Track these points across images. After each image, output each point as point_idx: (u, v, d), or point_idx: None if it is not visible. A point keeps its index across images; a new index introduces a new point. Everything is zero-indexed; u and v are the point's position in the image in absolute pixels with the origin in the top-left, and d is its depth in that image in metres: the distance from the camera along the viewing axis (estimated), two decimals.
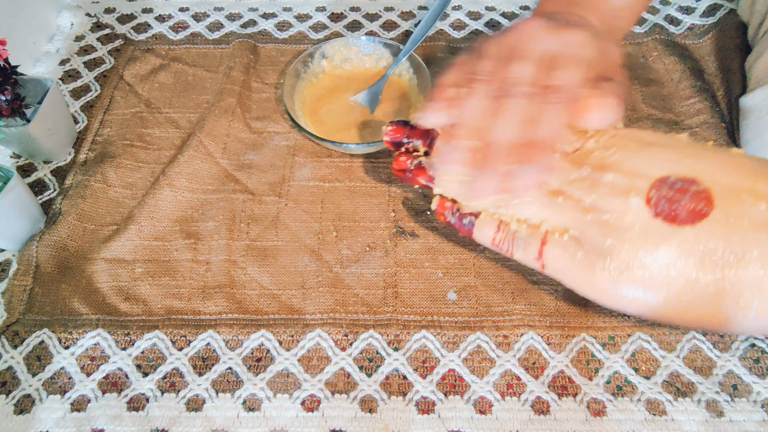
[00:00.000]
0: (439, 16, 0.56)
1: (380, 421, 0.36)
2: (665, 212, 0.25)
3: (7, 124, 0.44)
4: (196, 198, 0.47)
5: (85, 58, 0.58)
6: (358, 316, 0.41)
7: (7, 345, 0.40)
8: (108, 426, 0.36)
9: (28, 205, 0.44)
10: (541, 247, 0.29)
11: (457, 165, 0.31)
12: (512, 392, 0.37)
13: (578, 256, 0.28)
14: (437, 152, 0.33)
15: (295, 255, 0.44)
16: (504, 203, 0.31)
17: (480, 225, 0.31)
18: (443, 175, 0.32)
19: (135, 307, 0.41)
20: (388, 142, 0.35)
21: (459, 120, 0.31)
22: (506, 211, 0.31)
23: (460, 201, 0.33)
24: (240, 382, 0.38)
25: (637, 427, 0.36)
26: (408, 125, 0.35)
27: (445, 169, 0.32)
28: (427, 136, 0.34)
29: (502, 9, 0.62)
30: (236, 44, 0.58)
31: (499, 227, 0.31)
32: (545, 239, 0.29)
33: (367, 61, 0.55)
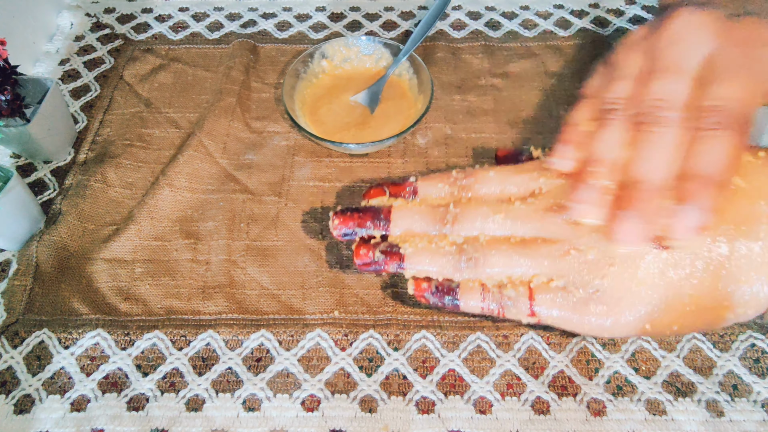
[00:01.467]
0: (439, 16, 0.56)
1: (380, 421, 0.36)
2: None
3: (7, 124, 0.44)
4: (196, 198, 0.47)
5: (85, 58, 0.58)
6: (358, 316, 0.41)
7: (7, 345, 0.39)
8: (108, 426, 0.36)
9: (28, 205, 0.44)
10: (530, 303, 0.28)
11: (594, 207, 0.27)
12: (512, 392, 0.37)
13: (569, 301, 0.27)
14: (572, 193, 0.28)
15: (295, 255, 0.44)
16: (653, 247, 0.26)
17: (465, 297, 0.29)
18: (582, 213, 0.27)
19: (135, 307, 0.41)
20: (339, 236, 0.31)
21: (592, 156, 0.27)
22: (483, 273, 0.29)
23: (605, 242, 0.27)
24: (240, 382, 0.38)
25: (637, 427, 0.36)
26: (356, 211, 0.31)
27: (581, 210, 0.27)
28: (378, 219, 0.31)
29: (502, 9, 0.62)
30: (236, 44, 0.58)
31: (483, 295, 0.29)
32: (532, 295, 0.28)
33: (367, 61, 0.55)
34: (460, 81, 0.55)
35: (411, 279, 0.31)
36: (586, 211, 0.27)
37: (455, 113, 0.53)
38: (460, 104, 0.54)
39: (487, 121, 0.52)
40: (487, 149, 0.50)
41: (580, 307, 0.27)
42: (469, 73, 0.56)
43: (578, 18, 0.61)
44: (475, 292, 0.29)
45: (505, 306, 0.29)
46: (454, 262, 0.29)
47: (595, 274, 0.27)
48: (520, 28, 0.60)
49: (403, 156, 0.50)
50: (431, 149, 0.50)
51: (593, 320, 0.27)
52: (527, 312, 0.29)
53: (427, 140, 0.51)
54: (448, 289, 0.29)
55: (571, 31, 0.60)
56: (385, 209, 0.31)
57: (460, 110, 0.53)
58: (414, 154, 0.50)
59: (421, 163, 0.49)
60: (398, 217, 0.30)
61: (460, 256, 0.29)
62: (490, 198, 0.30)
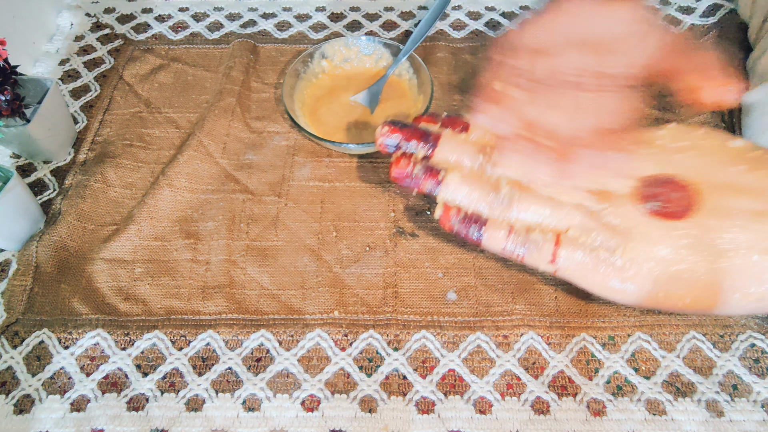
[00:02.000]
0: (439, 16, 0.56)
1: (380, 421, 0.36)
2: (658, 210, 0.27)
3: (7, 124, 0.44)
4: (196, 198, 0.47)
5: (85, 58, 0.58)
6: (358, 316, 0.41)
7: (7, 345, 0.39)
8: (108, 426, 0.36)
9: (28, 205, 0.44)
10: (555, 249, 0.29)
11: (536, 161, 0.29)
12: (512, 392, 0.37)
13: (590, 256, 0.28)
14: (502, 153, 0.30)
15: (295, 255, 0.44)
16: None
17: (490, 231, 0.29)
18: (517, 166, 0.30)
19: (135, 307, 0.41)
20: (383, 144, 0.32)
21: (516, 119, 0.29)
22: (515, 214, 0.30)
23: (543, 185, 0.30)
24: (240, 382, 0.38)
25: (637, 427, 0.36)
26: (406, 127, 0.32)
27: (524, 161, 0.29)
28: (426, 139, 0.32)
29: (502, 9, 0.62)
30: (236, 44, 0.58)
31: (509, 233, 0.30)
32: (559, 241, 0.29)
33: (367, 61, 0.55)
34: (460, 81, 0.55)
35: (441, 204, 0.31)
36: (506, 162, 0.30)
37: (455, 113, 0.53)
38: (460, 104, 0.54)
39: None
40: None
41: (599, 265, 0.28)
42: (469, 73, 0.56)
43: None
44: (502, 229, 0.29)
45: (528, 249, 0.29)
46: (490, 196, 0.30)
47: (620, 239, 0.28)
48: None
49: None
50: None
51: (608, 281, 0.28)
52: (549, 258, 0.29)
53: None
54: (476, 219, 0.30)
55: None
56: (434, 134, 0.31)
57: (460, 110, 0.53)
58: None
59: None
60: (445, 144, 0.31)
61: (498, 192, 0.30)
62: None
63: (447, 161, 0.31)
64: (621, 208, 0.28)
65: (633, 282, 0.28)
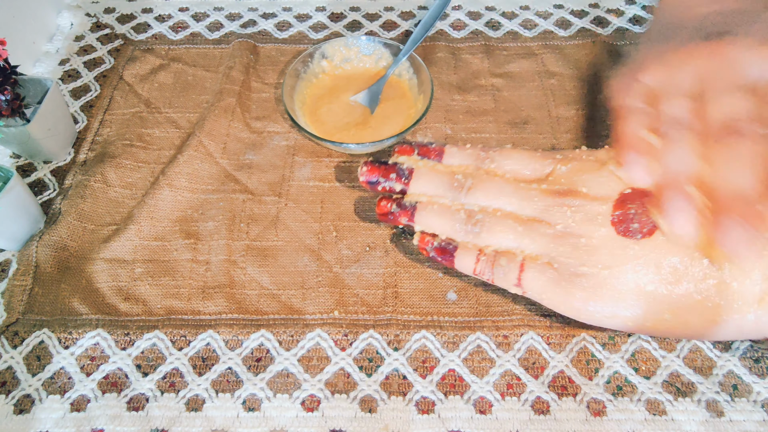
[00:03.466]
0: (439, 16, 0.56)
1: (380, 421, 0.36)
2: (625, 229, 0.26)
3: (7, 124, 0.44)
4: (196, 198, 0.47)
5: (85, 58, 0.58)
6: (358, 316, 0.41)
7: (7, 345, 0.39)
8: (108, 426, 0.36)
9: (28, 205, 0.44)
10: (519, 274, 0.30)
11: (689, 220, 0.26)
12: (512, 392, 0.37)
13: (555, 280, 0.29)
14: (663, 205, 0.27)
15: (295, 255, 0.44)
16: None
17: (460, 256, 0.31)
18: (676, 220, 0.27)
19: (135, 307, 0.41)
20: (364, 182, 0.34)
21: (672, 169, 0.27)
22: (483, 240, 0.30)
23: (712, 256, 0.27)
24: (240, 382, 0.38)
25: (637, 427, 0.36)
26: (384, 165, 0.34)
27: (677, 222, 0.27)
28: (402, 175, 0.33)
29: (502, 9, 0.62)
30: (236, 44, 0.58)
31: (478, 258, 0.31)
32: (523, 266, 0.30)
33: (367, 61, 0.55)
34: (460, 81, 0.55)
35: (418, 232, 0.33)
36: (681, 224, 0.26)
37: (455, 113, 0.53)
38: (460, 104, 0.54)
39: (487, 121, 0.52)
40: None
41: (564, 286, 0.28)
42: (469, 73, 0.56)
43: (578, 18, 0.61)
44: (471, 253, 0.31)
45: (495, 273, 0.30)
46: (459, 224, 0.31)
47: (583, 259, 0.28)
48: (520, 28, 0.60)
49: None
50: None
51: (573, 302, 0.28)
52: (514, 281, 0.30)
53: (427, 140, 0.51)
54: (448, 245, 0.31)
55: (571, 31, 0.60)
56: (409, 168, 0.33)
57: (460, 110, 0.53)
58: None
59: None
60: (419, 177, 0.32)
61: (466, 219, 0.31)
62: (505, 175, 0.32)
63: (422, 193, 0.32)
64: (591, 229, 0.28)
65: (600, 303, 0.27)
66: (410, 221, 0.33)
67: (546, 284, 0.29)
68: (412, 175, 0.33)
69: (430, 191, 0.32)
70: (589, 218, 0.28)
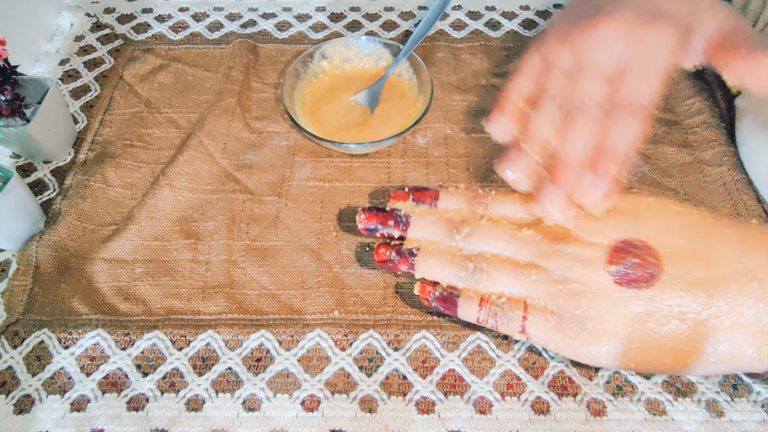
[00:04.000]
0: (439, 16, 0.56)
1: (380, 421, 0.36)
2: (623, 279, 0.28)
3: (7, 124, 0.44)
4: (196, 198, 0.47)
5: (85, 58, 0.58)
6: (358, 316, 0.41)
7: (7, 345, 0.39)
8: (108, 426, 0.36)
9: (28, 205, 0.44)
10: (522, 322, 0.30)
11: (525, 176, 0.32)
12: (512, 392, 0.37)
13: (558, 326, 0.30)
14: (509, 159, 0.33)
15: (295, 255, 0.44)
16: (573, 219, 0.31)
17: (463, 306, 0.31)
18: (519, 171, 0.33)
19: (135, 307, 0.41)
20: (363, 229, 0.35)
21: (528, 135, 0.32)
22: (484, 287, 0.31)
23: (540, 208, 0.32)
24: (240, 382, 0.38)
25: (637, 427, 0.36)
26: (381, 212, 0.34)
27: (515, 176, 0.33)
28: (399, 222, 0.34)
29: (502, 9, 0.62)
30: (236, 44, 0.58)
31: (480, 305, 0.31)
32: (525, 314, 0.30)
33: (367, 61, 0.55)
34: (460, 81, 0.55)
35: (418, 282, 0.34)
36: (518, 179, 0.32)
37: (455, 113, 0.53)
38: (460, 104, 0.54)
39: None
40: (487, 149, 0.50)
41: (566, 332, 0.29)
42: (469, 73, 0.56)
43: None
44: (473, 302, 0.31)
45: (499, 320, 0.31)
46: (460, 272, 0.32)
47: (579, 304, 0.29)
48: (520, 28, 0.60)
49: (403, 156, 0.50)
50: (431, 149, 0.50)
51: (576, 346, 0.29)
52: (519, 329, 0.31)
53: (427, 140, 0.51)
54: (450, 295, 0.31)
55: None
56: (406, 214, 0.34)
57: (460, 110, 0.53)
58: (414, 154, 0.50)
59: (421, 163, 0.49)
60: (416, 223, 0.33)
61: (466, 267, 0.32)
62: (501, 219, 0.33)
63: (420, 239, 0.33)
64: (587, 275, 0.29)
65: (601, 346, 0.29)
66: (410, 269, 0.33)
67: (549, 331, 0.30)
68: (410, 222, 0.33)
69: (429, 237, 0.33)
70: (584, 265, 0.29)
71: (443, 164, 0.49)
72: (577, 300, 0.29)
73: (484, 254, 0.32)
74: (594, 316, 0.29)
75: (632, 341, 0.28)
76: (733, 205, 0.45)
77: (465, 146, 0.50)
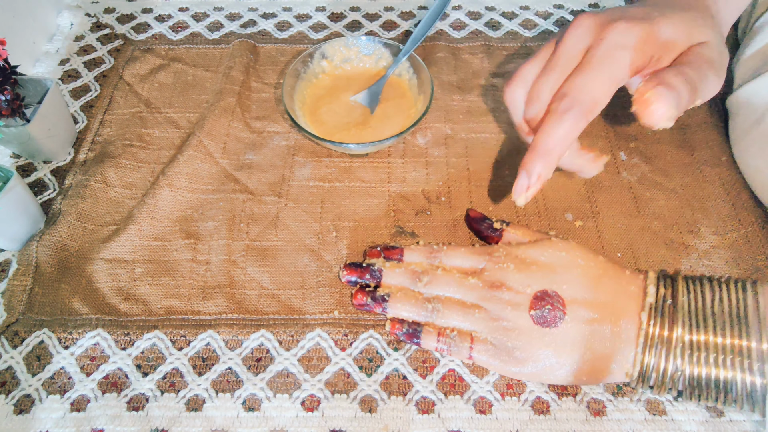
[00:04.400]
0: (439, 16, 0.56)
1: (380, 421, 0.36)
2: (540, 321, 0.36)
3: (7, 124, 0.44)
4: (196, 198, 0.47)
5: (85, 58, 0.58)
6: (358, 316, 0.41)
7: (7, 345, 0.39)
8: (108, 426, 0.36)
9: (28, 205, 0.44)
10: (470, 351, 0.38)
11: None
12: (512, 392, 0.37)
13: (495, 354, 0.37)
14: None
15: (295, 255, 0.44)
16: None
17: (424, 338, 0.39)
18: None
19: (135, 307, 0.41)
20: (346, 281, 0.42)
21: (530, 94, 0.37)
22: (440, 322, 0.39)
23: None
24: (240, 382, 0.38)
25: (637, 427, 0.36)
26: (359, 267, 0.42)
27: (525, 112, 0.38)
28: (374, 275, 0.41)
29: (502, 9, 0.62)
30: (236, 44, 0.58)
31: (438, 338, 0.38)
32: (472, 344, 0.38)
33: (367, 61, 0.55)
34: (460, 81, 0.55)
35: (389, 320, 0.40)
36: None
37: (455, 113, 0.53)
38: (460, 104, 0.54)
39: (487, 121, 0.52)
40: (486, 150, 0.50)
41: (500, 358, 0.37)
42: (469, 73, 0.56)
43: None
44: (433, 335, 0.39)
45: (452, 349, 0.38)
46: (422, 311, 0.39)
47: (510, 337, 0.37)
48: (520, 28, 0.60)
49: (403, 156, 0.50)
50: (431, 149, 0.50)
51: (511, 368, 0.37)
52: (467, 356, 0.38)
53: (427, 140, 0.51)
54: (414, 331, 0.39)
55: None
56: (379, 269, 0.41)
57: (460, 110, 0.53)
58: (414, 154, 0.50)
59: (421, 163, 0.49)
60: (387, 275, 0.41)
61: (426, 308, 0.39)
62: (453, 269, 0.41)
63: (391, 285, 0.41)
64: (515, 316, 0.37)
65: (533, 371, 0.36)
66: (383, 312, 0.40)
67: (489, 358, 0.37)
68: (382, 273, 0.41)
69: (397, 284, 0.41)
70: (513, 308, 0.37)
71: (443, 164, 0.49)
72: (508, 334, 0.37)
73: (440, 297, 0.40)
74: (520, 347, 0.36)
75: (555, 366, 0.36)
76: (732, 205, 0.45)
77: (465, 146, 0.50)
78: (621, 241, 0.44)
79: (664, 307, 0.35)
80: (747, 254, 0.43)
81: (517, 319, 0.37)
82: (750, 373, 0.32)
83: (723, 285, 0.35)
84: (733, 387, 0.32)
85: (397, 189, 0.48)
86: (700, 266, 0.42)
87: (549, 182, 0.47)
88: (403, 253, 0.43)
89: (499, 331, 0.37)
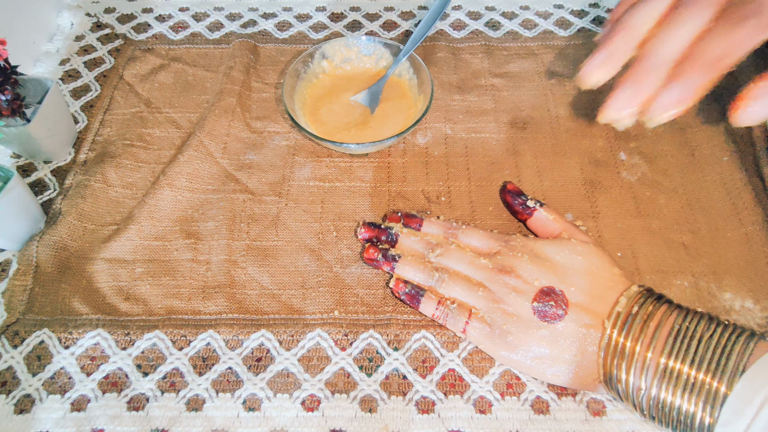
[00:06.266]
0: (439, 16, 0.56)
1: (380, 421, 0.36)
2: (540, 314, 0.37)
3: (7, 124, 0.44)
4: (196, 198, 0.47)
5: (85, 58, 0.58)
6: (358, 316, 0.41)
7: (7, 345, 0.40)
8: (108, 426, 0.36)
9: (28, 205, 0.44)
10: (465, 325, 0.38)
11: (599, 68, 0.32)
12: (512, 392, 0.37)
13: (488, 334, 0.38)
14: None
15: (295, 255, 0.44)
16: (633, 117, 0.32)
17: (424, 303, 0.40)
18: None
19: (135, 307, 0.41)
20: (363, 239, 0.43)
21: (623, 21, 0.32)
22: (443, 291, 0.40)
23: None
24: (240, 382, 0.38)
25: (636, 426, 0.36)
26: (377, 227, 0.43)
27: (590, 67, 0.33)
28: (390, 238, 0.43)
29: (502, 9, 0.62)
30: (236, 44, 0.58)
31: (438, 305, 0.39)
32: (469, 318, 0.38)
33: (367, 61, 0.55)
34: (460, 81, 0.56)
35: (395, 277, 0.41)
36: (592, 70, 0.32)
37: (455, 113, 0.53)
38: (460, 104, 0.54)
39: (487, 121, 0.52)
40: (487, 151, 0.50)
41: (493, 339, 0.37)
42: (469, 73, 0.56)
43: (578, 18, 0.61)
44: (432, 302, 0.39)
45: (448, 320, 0.39)
46: (427, 276, 0.40)
47: (506, 321, 0.37)
48: (520, 28, 0.60)
49: (403, 156, 0.50)
50: (431, 149, 0.50)
51: (500, 351, 0.37)
52: (461, 330, 0.39)
53: (427, 140, 0.51)
54: (416, 293, 0.40)
55: (571, 31, 0.60)
56: (396, 233, 0.43)
57: (460, 110, 0.53)
58: (414, 154, 0.50)
59: (421, 163, 0.49)
60: (402, 240, 0.42)
61: (433, 275, 0.40)
62: (468, 247, 0.41)
63: (404, 249, 0.42)
64: (517, 302, 0.37)
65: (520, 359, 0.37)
66: (391, 270, 0.41)
67: (481, 336, 0.38)
68: (398, 239, 0.42)
69: (410, 249, 0.42)
70: (517, 294, 0.37)
71: (443, 164, 0.49)
72: (506, 318, 0.37)
73: (448, 268, 0.40)
74: (514, 332, 0.37)
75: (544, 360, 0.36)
76: (732, 205, 0.45)
77: (465, 146, 0.50)
78: (621, 241, 0.44)
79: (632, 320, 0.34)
80: (747, 254, 0.43)
81: (518, 306, 0.37)
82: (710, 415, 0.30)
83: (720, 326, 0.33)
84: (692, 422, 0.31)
85: (397, 189, 0.48)
86: (700, 266, 0.42)
87: (549, 182, 0.47)
88: (422, 224, 0.43)
89: (498, 313, 0.37)
